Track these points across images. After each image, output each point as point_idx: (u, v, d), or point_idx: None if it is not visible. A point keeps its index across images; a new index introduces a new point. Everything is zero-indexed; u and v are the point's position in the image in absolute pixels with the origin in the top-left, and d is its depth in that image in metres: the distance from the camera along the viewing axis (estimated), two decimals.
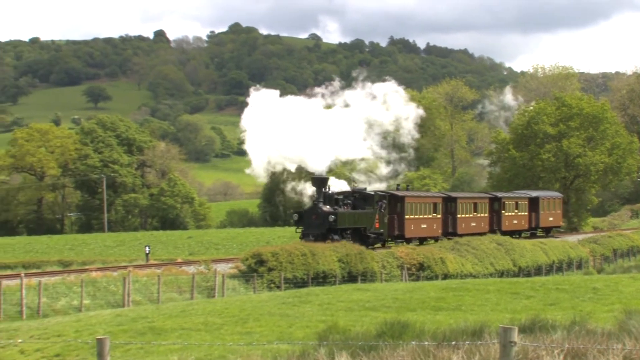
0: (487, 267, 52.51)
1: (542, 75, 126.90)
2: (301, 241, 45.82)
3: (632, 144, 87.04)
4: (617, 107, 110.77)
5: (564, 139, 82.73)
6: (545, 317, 15.64)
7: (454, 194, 66.58)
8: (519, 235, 67.34)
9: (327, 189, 48.23)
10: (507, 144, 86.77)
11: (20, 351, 21.58)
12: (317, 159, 48.74)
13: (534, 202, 70.12)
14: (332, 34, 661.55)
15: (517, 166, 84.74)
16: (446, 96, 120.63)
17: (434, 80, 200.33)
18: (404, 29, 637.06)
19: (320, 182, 47.84)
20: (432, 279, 43.97)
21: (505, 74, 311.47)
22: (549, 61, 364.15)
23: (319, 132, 48.79)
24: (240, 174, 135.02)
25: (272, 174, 60.43)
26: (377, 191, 53.46)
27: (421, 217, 55.99)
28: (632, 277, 31.94)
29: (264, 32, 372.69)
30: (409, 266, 46.14)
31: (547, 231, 73.73)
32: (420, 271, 46.34)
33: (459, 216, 60.47)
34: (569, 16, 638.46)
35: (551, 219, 72.68)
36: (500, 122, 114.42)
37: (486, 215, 63.88)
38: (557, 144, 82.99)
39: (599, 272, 56.97)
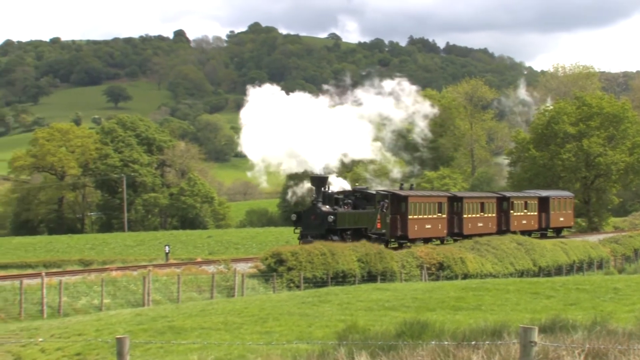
0: (507, 267, 52.26)
1: (562, 74, 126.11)
2: (300, 242, 45.02)
3: None
4: (638, 106, 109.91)
5: (584, 139, 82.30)
6: (565, 317, 15.55)
7: (460, 193, 65.83)
8: (528, 236, 66.72)
9: (326, 188, 46.91)
10: (527, 143, 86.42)
11: (41, 350, 21.71)
12: (317, 159, 47.22)
13: (544, 202, 68.99)
14: (352, 34, 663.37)
15: (537, 166, 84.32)
16: (466, 96, 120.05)
17: (454, 79, 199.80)
18: (424, 28, 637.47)
19: (319, 181, 46.45)
20: (451, 278, 43.78)
21: (525, 73, 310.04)
22: (568, 60, 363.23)
23: (321, 131, 47.19)
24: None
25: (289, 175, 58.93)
26: (379, 190, 52.17)
27: (425, 217, 55.07)
28: None
29: (283, 31, 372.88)
30: (428, 266, 46.01)
31: (557, 232, 72.59)
32: (439, 271, 46.24)
33: (465, 216, 59.64)
34: (588, 15, 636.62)
35: (562, 219, 71.65)
36: (517, 119, 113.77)
37: (494, 215, 63.20)
38: (577, 143, 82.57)
39: (620, 272, 56.75)
